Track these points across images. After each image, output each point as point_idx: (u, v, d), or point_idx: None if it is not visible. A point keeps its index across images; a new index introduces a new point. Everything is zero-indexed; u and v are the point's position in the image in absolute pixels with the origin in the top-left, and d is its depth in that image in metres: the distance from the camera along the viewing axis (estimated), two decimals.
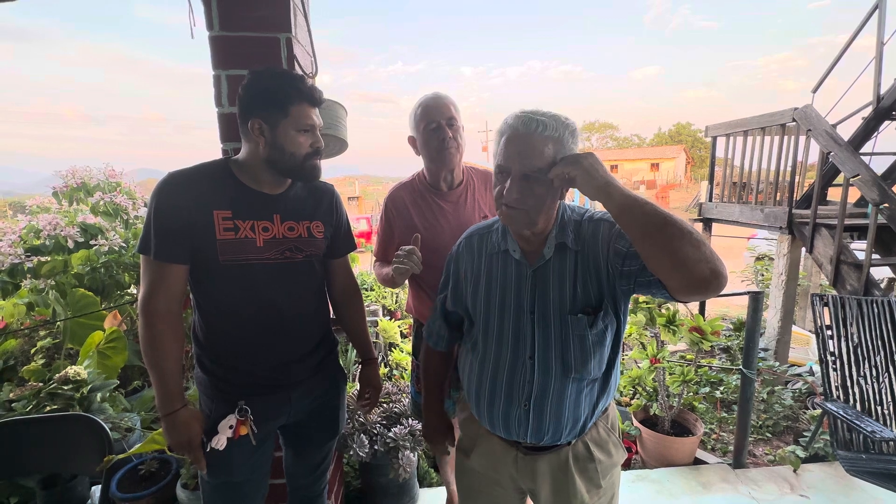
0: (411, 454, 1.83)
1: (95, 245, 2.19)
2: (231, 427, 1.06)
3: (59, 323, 2.06)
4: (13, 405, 1.63)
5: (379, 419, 1.93)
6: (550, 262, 0.97)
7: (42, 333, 2.16)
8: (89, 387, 1.73)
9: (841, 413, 1.87)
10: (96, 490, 1.70)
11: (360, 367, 1.41)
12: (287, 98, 1.03)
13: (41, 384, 1.70)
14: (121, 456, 1.35)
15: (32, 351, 2.06)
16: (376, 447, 1.80)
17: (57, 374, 1.71)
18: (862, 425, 1.77)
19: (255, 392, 1.12)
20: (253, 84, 1.03)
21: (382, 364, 2.97)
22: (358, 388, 1.41)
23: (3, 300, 2.17)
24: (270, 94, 1.02)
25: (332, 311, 1.38)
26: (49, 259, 2.19)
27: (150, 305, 1.01)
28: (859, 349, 2.17)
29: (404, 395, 2.13)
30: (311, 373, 1.20)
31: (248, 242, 1.06)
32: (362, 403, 1.39)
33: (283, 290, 1.11)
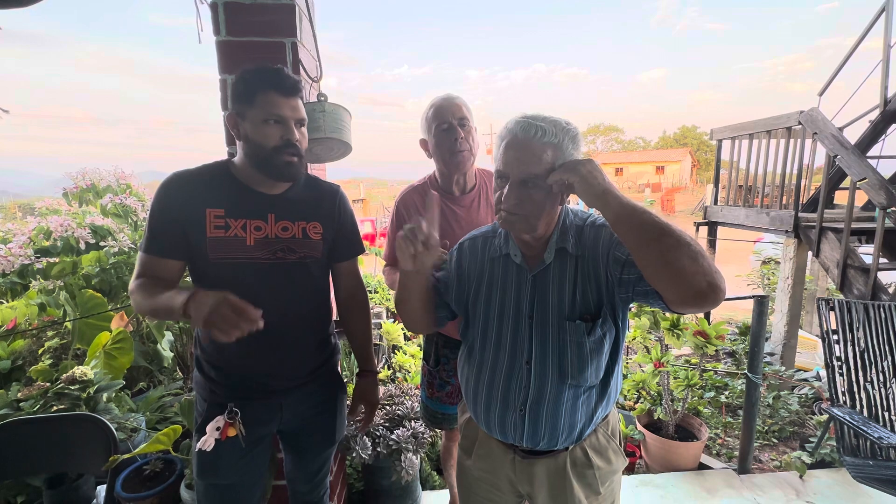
0: (414, 457, 1.83)
1: (105, 246, 2.22)
2: (218, 428, 1.05)
3: (67, 323, 2.09)
4: (21, 405, 1.65)
5: (382, 422, 1.93)
6: (550, 267, 0.97)
7: (50, 334, 2.19)
8: (96, 387, 1.75)
9: (847, 419, 1.85)
10: (101, 489, 1.72)
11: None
12: (253, 86, 1.00)
13: (48, 384, 1.72)
14: (126, 456, 1.36)
15: (40, 351, 2.08)
16: (379, 449, 1.80)
17: (64, 375, 1.73)
18: (869, 431, 1.75)
19: (244, 396, 1.11)
20: (233, 83, 1.04)
21: (386, 366, 2.98)
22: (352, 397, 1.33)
23: (13, 300, 2.20)
24: (241, 85, 1.02)
25: (335, 315, 1.37)
26: (58, 260, 2.22)
27: (133, 287, 1.02)
28: (866, 354, 2.15)
29: (407, 397, 2.13)
30: (304, 379, 1.18)
31: (237, 241, 1.04)
32: (355, 419, 1.33)
33: (273, 291, 1.09)
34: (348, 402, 1.35)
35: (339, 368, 1.32)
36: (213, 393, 1.11)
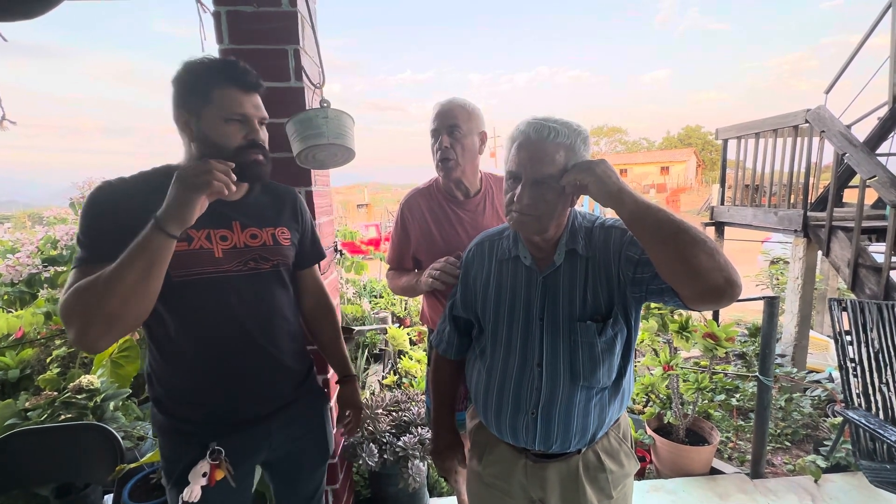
0: (421, 463, 1.82)
1: None
2: (205, 474, 0.93)
3: None
4: (29, 414, 1.65)
5: (388, 428, 1.92)
6: (561, 269, 0.97)
7: (57, 342, 2.20)
8: (102, 396, 1.75)
9: (863, 422, 1.81)
10: (108, 499, 1.71)
11: (338, 385, 1.31)
12: (208, 81, 0.91)
13: (56, 393, 1.73)
14: (132, 465, 1.36)
15: (48, 360, 2.09)
16: (385, 456, 1.79)
17: (71, 384, 1.73)
18: (885, 434, 1.71)
19: (227, 429, 0.99)
20: (179, 75, 0.92)
21: (392, 372, 2.97)
22: (337, 407, 1.32)
23: (21, 310, 2.21)
24: (192, 80, 0.91)
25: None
26: (66, 269, 2.23)
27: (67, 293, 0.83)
28: (881, 355, 2.11)
29: (413, 402, 2.12)
30: (291, 397, 1.09)
31: (204, 254, 0.93)
32: (345, 425, 1.30)
33: (251, 305, 0.99)
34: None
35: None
36: (184, 433, 0.98)
